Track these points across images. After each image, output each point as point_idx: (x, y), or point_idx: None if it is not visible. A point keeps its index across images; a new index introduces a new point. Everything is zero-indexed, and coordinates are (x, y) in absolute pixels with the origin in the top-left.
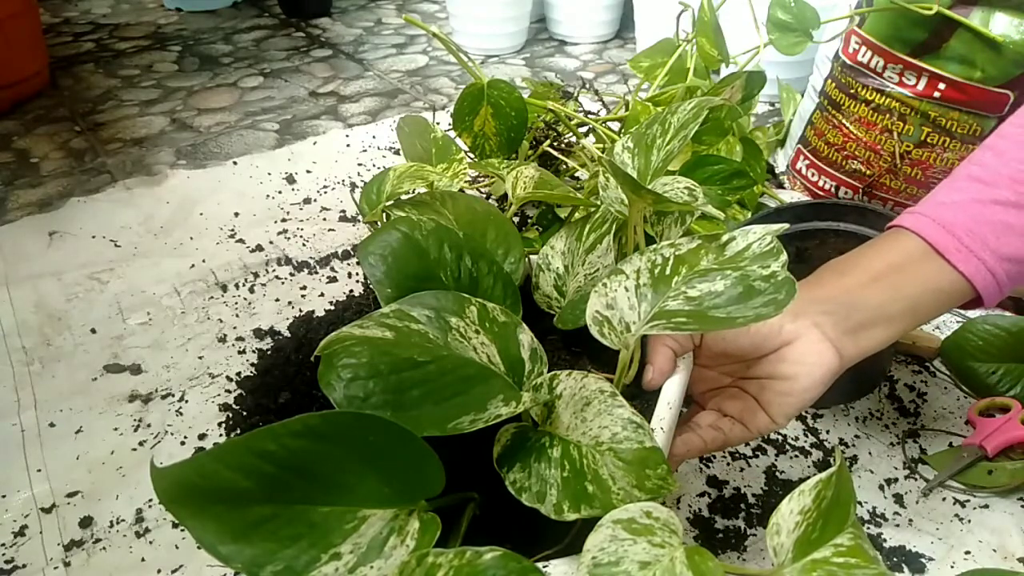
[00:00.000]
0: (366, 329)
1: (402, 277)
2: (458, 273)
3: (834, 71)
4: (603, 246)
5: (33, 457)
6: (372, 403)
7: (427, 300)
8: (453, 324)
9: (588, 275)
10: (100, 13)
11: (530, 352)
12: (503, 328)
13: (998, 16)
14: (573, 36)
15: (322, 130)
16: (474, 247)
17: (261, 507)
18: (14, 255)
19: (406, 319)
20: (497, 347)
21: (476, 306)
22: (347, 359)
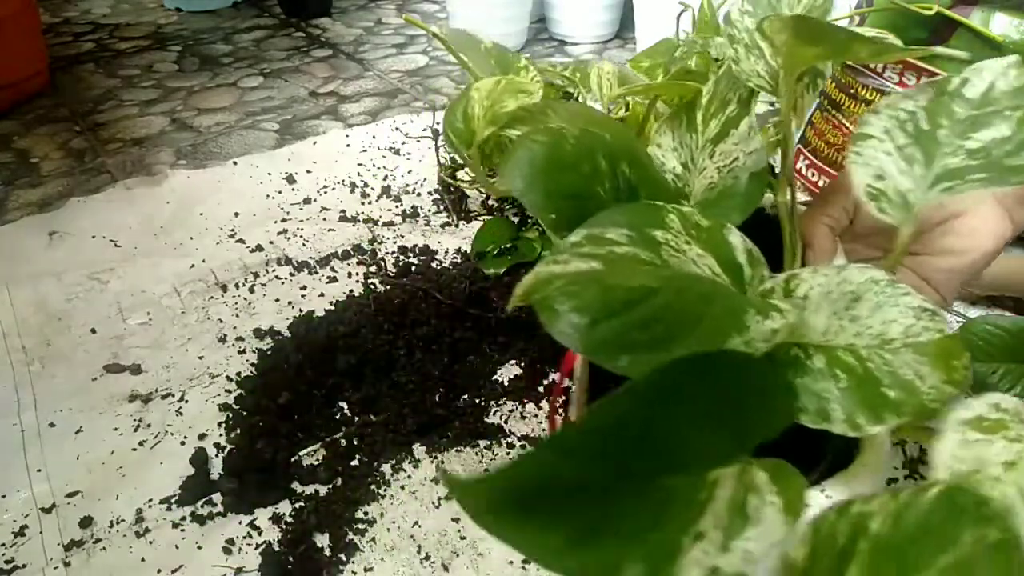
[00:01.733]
0: (566, 264)
1: (558, 195)
2: (617, 184)
3: (834, 71)
4: (741, 130)
5: (33, 457)
6: (625, 342)
7: (616, 217)
8: (660, 238)
9: (724, 167)
10: (100, 13)
11: (746, 255)
12: (710, 233)
13: (998, 16)
14: (573, 36)
15: (322, 130)
16: (629, 151)
17: (596, 502)
18: (14, 255)
19: (604, 243)
20: (713, 255)
21: (674, 212)
22: (568, 301)
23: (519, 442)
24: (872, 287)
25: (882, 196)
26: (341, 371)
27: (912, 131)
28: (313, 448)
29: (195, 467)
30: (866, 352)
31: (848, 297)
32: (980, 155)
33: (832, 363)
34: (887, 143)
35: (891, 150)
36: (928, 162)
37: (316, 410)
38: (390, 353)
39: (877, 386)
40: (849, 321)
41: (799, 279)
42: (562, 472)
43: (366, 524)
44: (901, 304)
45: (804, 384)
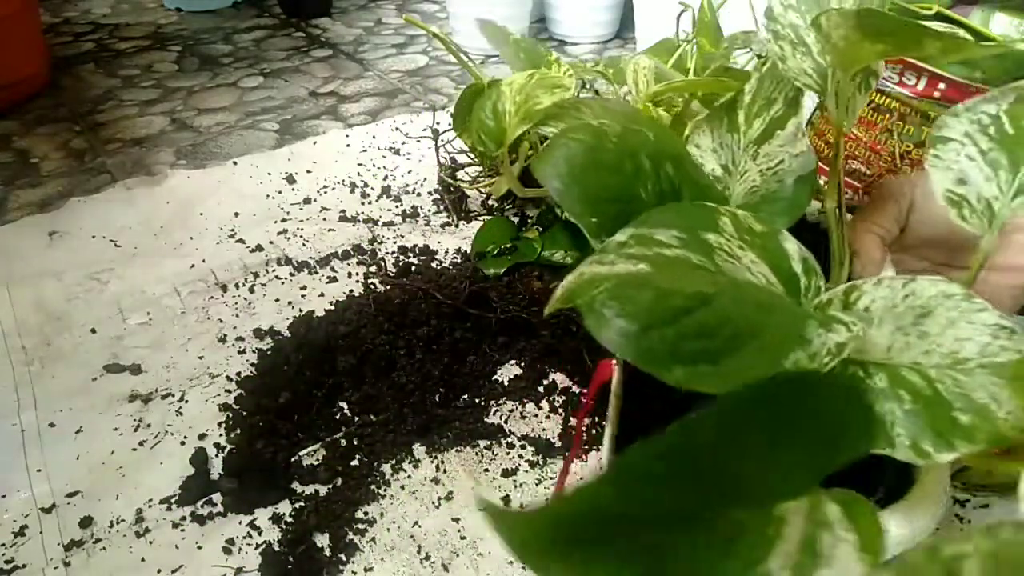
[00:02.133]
0: (613, 265)
1: (598, 199)
2: (660, 186)
3: None
4: (787, 131)
5: (33, 457)
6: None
7: (665, 217)
8: (713, 242)
9: (769, 169)
10: (100, 13)
11: (802, 264)
12: (764, 239)
13: (998, 16)
14: (573, 36)
15: (322, 130)
16: (673, 151)
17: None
18: (14, 255)
19: (653, 245)
20: (768, 263)
21: (727, 215)
22: (617, 304)
23: (519, 442)
24: (944, 301)
25: (964, 203)
26: (341, 371)
27: (995, 135)
28: (313, 448)
29: (195, 467)
30: (935, 372)
31: (916, 312)
32: None
33: (895, 382)
34: (969, 147)
35: (974, 155)
36: (1014, 168)
37: (316, 410)
38: (390, 353)
39: (948, 409)
40: (917, 337)
41: (860, 291)
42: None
43: (366, 524)
44: (977, 321)
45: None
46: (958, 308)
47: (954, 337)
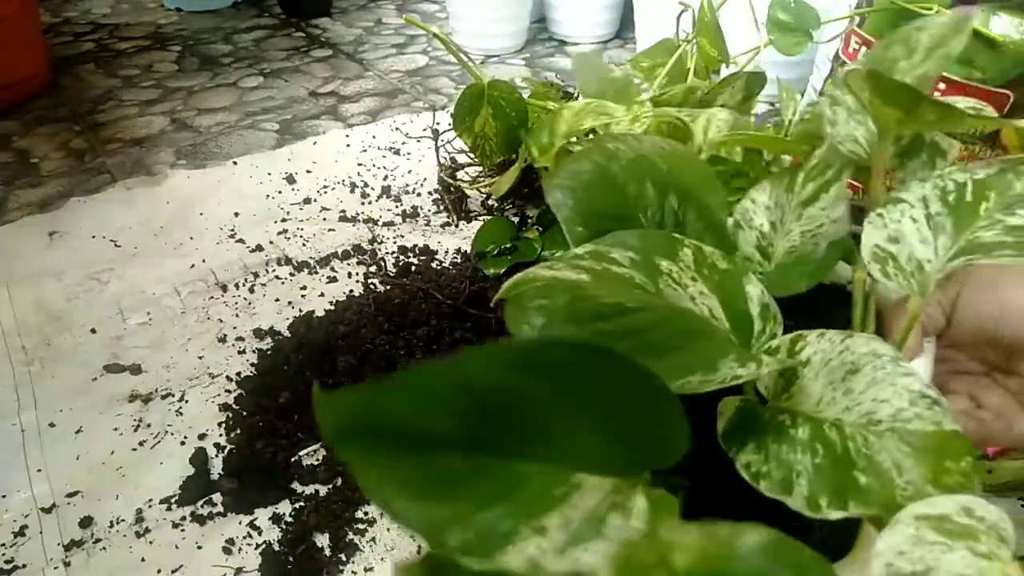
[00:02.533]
0: (557, 271)
1: (593, 214)
2: (661, 215)
3: (834, 71)
4: (831, 195)
5: (33, 457)
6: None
7: (629, 240)
8: (664, 268)
9: (808, 232)
10: (100, 13)
11: (760, 307)
12: (725, 276)
13: (998, 16)
14: (573, 36)
15: (322, 130)
16: (682, 185)
17: (449, 457)
18: (14, 255)
19: (604, 260)
20: (719, 298)
21: (691, 248)
22: (539, 300)
23: None
24: (872, 360)
25: (890, 260)
26: (341, 371)
27: (952, 201)
28: (313, 448)
29: (195, 467)
30: (850, 430)
31: (847, 367)
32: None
33: (815, 436)
34: (917, 209)
35: (919, 216)
36: (957, 234)
37: None
38: (390, 353)
39: (850, 469)
40: (843, 394)
41: (805, 341)
42: (415, 415)
43: (366, 524)
44: (899, 384)
45: (777, 451)
46: (884, 369)
47: (873, 397)
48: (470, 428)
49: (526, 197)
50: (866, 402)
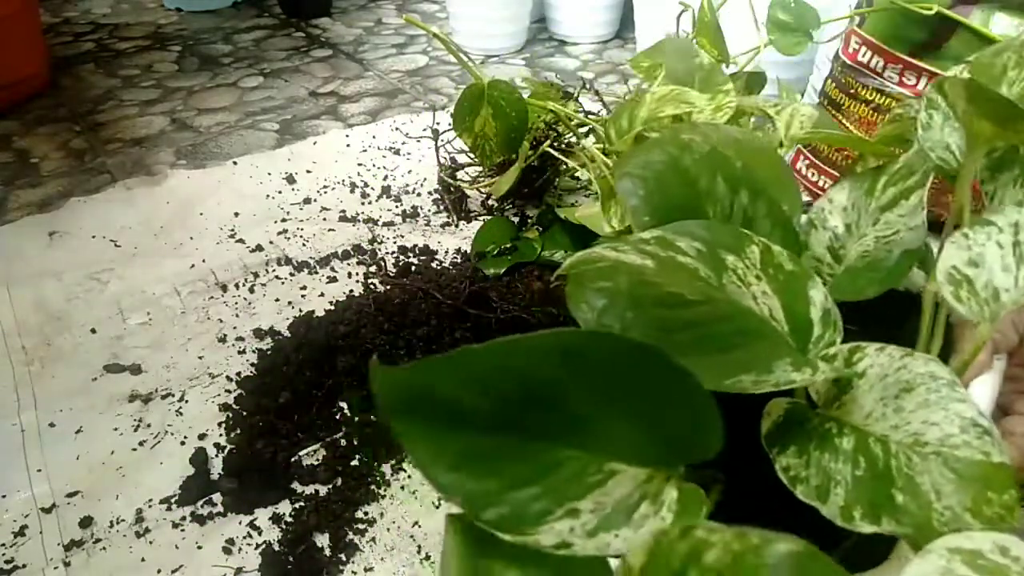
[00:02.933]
0: (621, 253)
1: (662, 206)
2: (730, 211)
3: (834, 71)
4: (911, 202)
5: (33, 457)
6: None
7: (697, 230)
8: (729, 263)
9: (882, 238)
10: (100, 13)
11: (822, 313)
12: (790, 278)
13: (998, 16)
14: (573, 36)
15: (322, 130)
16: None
17: (491, 436)
18: (14, 255)
19: (670, 248)
20: (781, 300)
21: (759, 246)
22: (601, 282)
23: None
24: (928, 382)
25: (965, 283)
26: (341, 371)
27: None
28: (313, 448)
29: (195, 467)
30: (895, 447)
31: (901, 385)
32: None
33: (859, 448)
34: (1006, 235)
35: (1006, 242)
36: None
37: (316, 410)
38: (390, 353)
39: (889, 485)
40: (893, 411)
41: (864, 353)
42: (465, 396)
43: (366, 524)
44: (951, 409)
45: (818, 458)
46: (938, 392)
47: (923, 419)
48: (512, 411)
49: (526, 197)
50: (915, 422)
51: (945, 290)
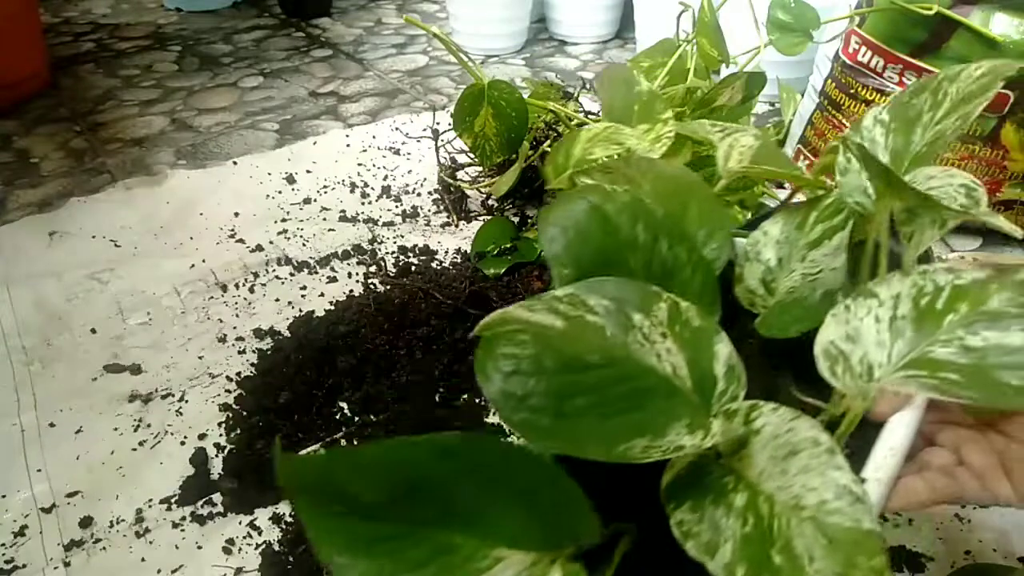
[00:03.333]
0: (534, 312)
1: (584, 256)
2: (650, 258)
3: (834, 71)
4: (834, 243)
5: (33, 457)
6: (530, 404)
7: (608, 288)
8: (636, 322)
9: (808, 275)
10: (100, 13)
11: (726, 368)
12: (696, 335)
13: (998, 16)
14: (573, 36)
15: (322, 130)
16: (674, 228)
17: (387, 523)
18: (14, 255)
19: (581, 307)
20: (686, 356)
21: (667, 303)
22: (510, 348)
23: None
24: (810, 447)
25: (842, 359)
26: (341, 371)
27: (923, 305)
28: (313, 448)
29: (195, 467)
30: (779, 508)
31: (788, 447)
32: (974, 355)
33: (750, 506)
34: (885, 308)
35: (884, 316)
36: (915, 344)
37: (316, 410)
38: (390, 353)
39: (769, 546)
40: (780, 472)
41: (760, 411)
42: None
43: None
44: (828, 476)
45: (712, 513)
46: (818, 458)
47: (804, 484)
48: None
49: (526, 197)
50: (797, 486)
51: (821, 365)
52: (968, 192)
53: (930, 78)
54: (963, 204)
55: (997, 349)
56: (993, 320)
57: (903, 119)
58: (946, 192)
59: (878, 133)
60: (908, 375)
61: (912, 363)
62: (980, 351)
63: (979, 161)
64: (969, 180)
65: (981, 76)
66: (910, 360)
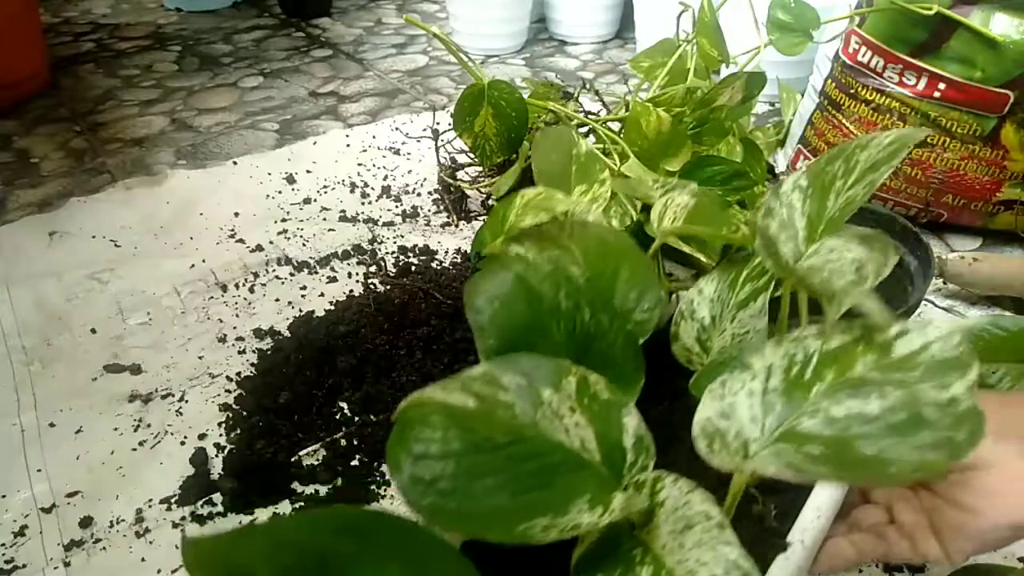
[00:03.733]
0: (449, 393)
1: (508, 326)
2: (573, 326)
3: (834, 71)
4: (758, 304)
5: (33, 457)
6: (439, 488)
7: (522, 364)
8: (545, 397)
9: (737, 335)
10: (100, 13)
11: (635, 440)
12: (605, 408)
13: (998, 16)
14: (573, 36)
15: (322, 130)
16: (596, 296)
17: None
18: (14, 255)
19: (494, 385)
20: (595, 430)
21: (575, 378)
22: (422, 431)
23: None
24: (703, 521)
25: (718, 437)
26: (341, 371)
27: (792, 376)
28: (313, 448)
29: (195, 467)
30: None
31: (684, 521)
32: (837, 426)
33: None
34: (757, 381)
35: (756, 390)
36: (784, 416)
37: (316, 410)
38: (390, 353)
39: None
40: (678, 545)
41: (663, 483)
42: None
43: None
44: (718, 551)
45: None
46: (710, 532)
47: (696, 558)
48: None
49: None
50: (691, 560)
51: (699, 444)
52: (858, 269)
53: (844, 144)
54: (850, 280)
55: (858, 418)
56: (856, 387)
57: (819, 185)
58: (839, 267)
59: (796, 198)
60: (775, 451)
61: (781, 437)
62: (842, 421)
63: (979, 161)
64: (861, 255)
65: (889, 144)
66: (780, 434)
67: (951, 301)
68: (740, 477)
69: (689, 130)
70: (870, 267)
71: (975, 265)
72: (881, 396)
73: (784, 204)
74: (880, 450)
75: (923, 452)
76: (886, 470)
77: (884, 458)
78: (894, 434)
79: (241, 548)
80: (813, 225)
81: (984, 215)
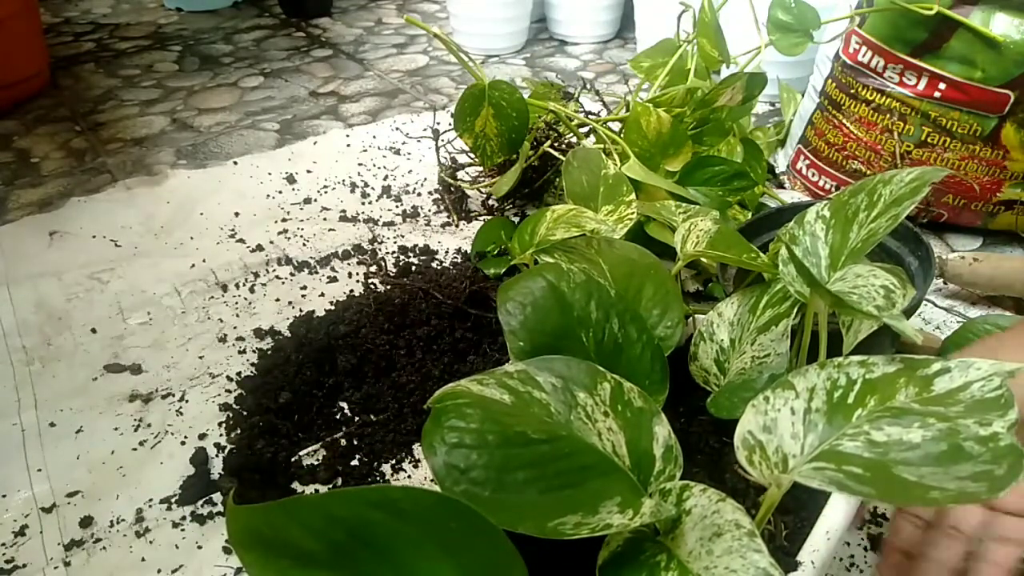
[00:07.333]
0: (485, 387)
1: (539, 331)
2: (602, 336)
3: (834, 71)
4: (780, 329)
5: (33, 457)
6: (472, 476)
7: (557, 366)
8: (580, 400)
9: (757, 359)
10: (100, 13)
11: (664, 449)
12: (637, 415)
13: (998, 16)
14: (573, 36)
15: (322, 130)
16: (625, 308)
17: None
18: (14, 255)
19: (530, 384)
20: (626, 436)
21: (611, 384)
22: (456, 420)
23: None
24: (733, 530)
25: (759, 450)
26: (341, 371)
27: (835, 399)
28: (313, 448)
29: (195, 467)
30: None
31: (713, 529)
32: (877, 450)
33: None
34: (800, 400)
35: (799, 409)
36: (826, 436)
37: (316, 410)
38: (390, 353)
39: None
40: (706, 552)
41: (691, 492)
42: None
43: None
44: (748, 559)
45: None
46: (739, 540)
47: (726, 566)
48: (343, 552)
49: (526, 197)
50: (720, 567)
51: (740, 454)
52: (887, 293)
53: (867, 180)
54: (878, 305)
55: (899, 444)
56: (896, 416)
57: (842, 217)
58: (867, 292)
59: (819, 228)
60: (816, 467)
61: (822, 455)
62: (883, 446)
63: (979, 161)
64: (890, 282)
65: (912, 181)
66: (820, 452)
67: (951, 301)
68: (775, 491)
69: (689, 130)
70: (898, 293)
71: (975, 265)
72: (923, 426)
73: (807, 233)
74: (920, 476)
75: (963, 483)
76: (927, 494)
77: (924, 484)
78: (934, 463)
79: (283, 519)
80: (836, 254)
81: (984, 215)
